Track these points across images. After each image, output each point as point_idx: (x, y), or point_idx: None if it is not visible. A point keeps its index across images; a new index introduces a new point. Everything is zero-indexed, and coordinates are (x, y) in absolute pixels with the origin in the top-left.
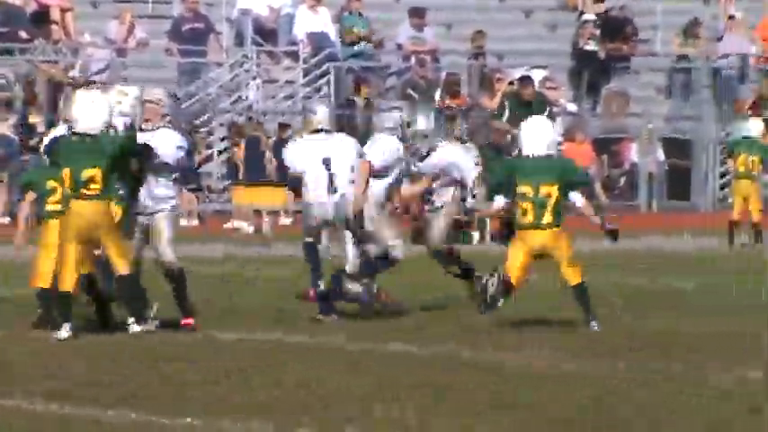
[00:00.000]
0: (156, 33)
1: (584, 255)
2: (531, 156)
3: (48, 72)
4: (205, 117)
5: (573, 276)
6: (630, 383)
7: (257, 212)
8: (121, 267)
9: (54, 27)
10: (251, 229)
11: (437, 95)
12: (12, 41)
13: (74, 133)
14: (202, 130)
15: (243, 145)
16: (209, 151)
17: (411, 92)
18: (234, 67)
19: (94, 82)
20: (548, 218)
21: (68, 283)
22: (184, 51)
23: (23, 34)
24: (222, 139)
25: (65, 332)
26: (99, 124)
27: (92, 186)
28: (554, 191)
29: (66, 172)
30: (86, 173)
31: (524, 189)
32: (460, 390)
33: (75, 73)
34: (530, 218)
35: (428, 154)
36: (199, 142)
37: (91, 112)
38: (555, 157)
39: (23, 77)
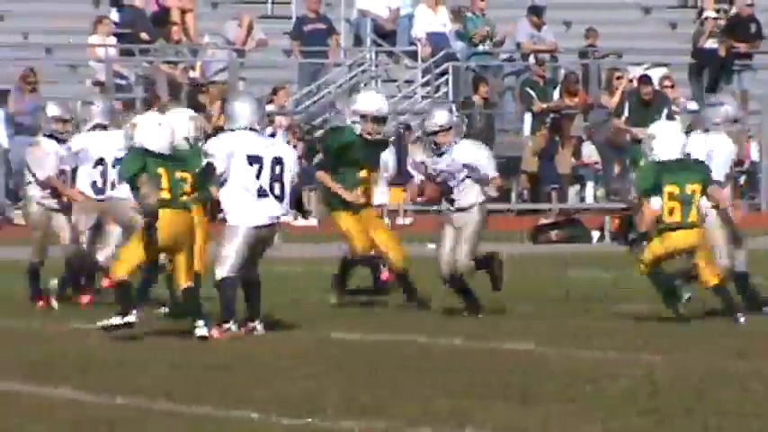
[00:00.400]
0: (276, 34)
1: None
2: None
3: (168, 73)
4: (325, 117)
5: (712, 277)
6: None
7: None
8: (184, 280)
9: (174, 28)
10: None
11: (555, 94)
12: (133, 43)
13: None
14: (320, 131)
15: None
16: None
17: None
18: (353, 67)
19: (214, 82)
20: (693, 216)
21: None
22: (304, 52)
23: (144, 35)
24: None
25: (133, 317)
26: (165, 145)
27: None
28: (698, 189)
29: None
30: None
31: (671, 188)
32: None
33: (194, 74)
34: (676, 217)
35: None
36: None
37: (156, 134)
38: (691, 158)
39: (144, 79)
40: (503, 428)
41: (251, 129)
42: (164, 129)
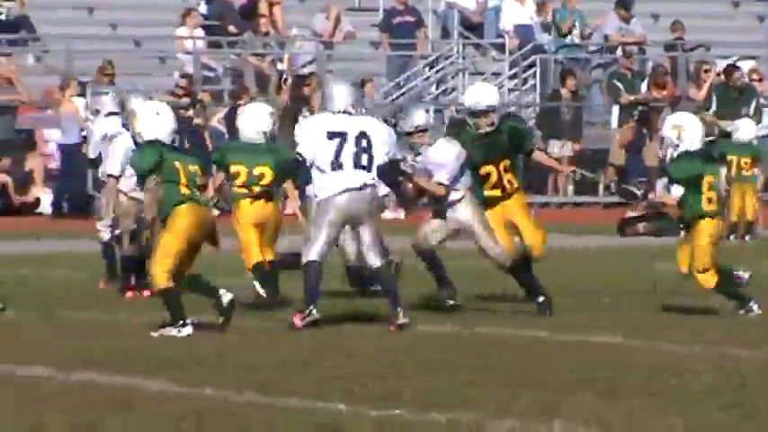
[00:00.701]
0: (363, 26)
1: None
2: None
3: (256, 65)
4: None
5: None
6: None
7: None
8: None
9: (262, 20)
10: None
11: (643, 87)
12: (221, 35)
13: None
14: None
15: None
16: None
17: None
18: (440, 59)
19: (312, 74)
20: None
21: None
22: (393, 44)
23: (232, 28)
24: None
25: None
26: (165, 135)
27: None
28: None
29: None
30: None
31: (710, 178)
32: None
33: (282, 66)
34: (714, 206)
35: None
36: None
37: (155, 123)
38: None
39: (232, 71)
40: (589, 422)
41: (345, 112)
42: (162, 118)
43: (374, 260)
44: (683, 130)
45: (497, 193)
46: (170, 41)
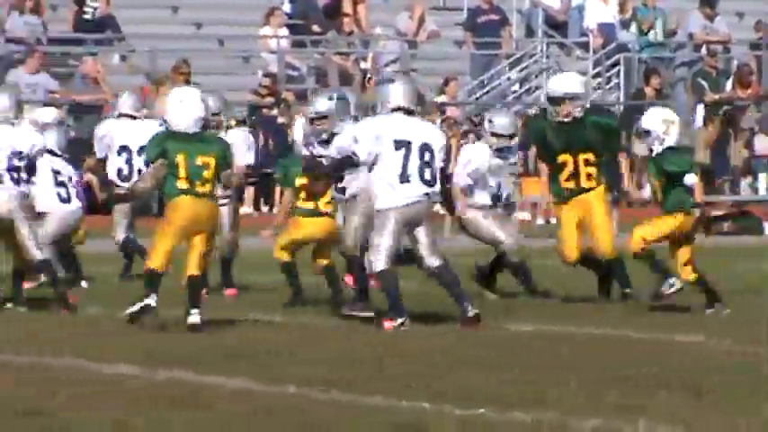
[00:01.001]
0: (447, 25)
1: None
2: None
3: (339, 64)
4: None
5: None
6: None
7: (533, 204)
8: (193, 268)
9: (346, 20)
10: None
11: (728, 86)
12: (304, 34)
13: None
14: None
15: None
16: None
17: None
18: (524, 58)
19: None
20: None
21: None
22: (477, 43)
23: (316, 27)
24: None
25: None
26: (189, 123)
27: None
28: None
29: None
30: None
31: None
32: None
33: (366, 65)
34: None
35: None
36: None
37: (179, 111)
38: None
39: (316, 70)
40: (674, 421)
41: (403, 109)
42: (187, 105)
43: (433, 261)
44: (672, 125)
45: (571, 185)
46: (254, 41)
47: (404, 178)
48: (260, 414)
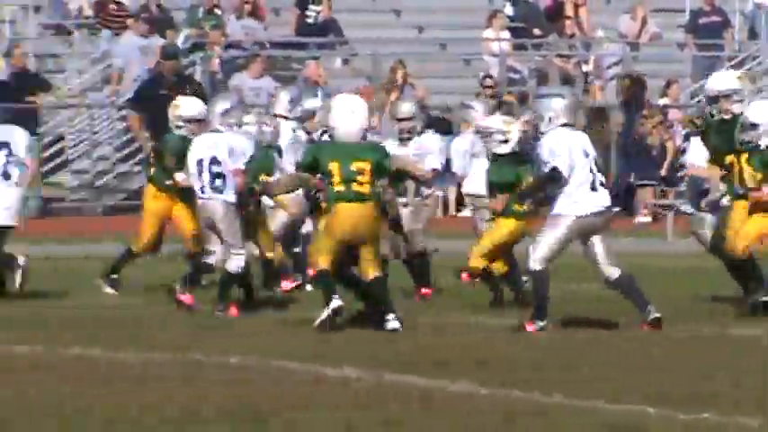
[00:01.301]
0: (669, 27)
1: None
2: None
3: (561, 67)
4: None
5: None
6: None
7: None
8: (371, 271)
9: (567, 22)
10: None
11: None
12: (526, 37)
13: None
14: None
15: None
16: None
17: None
18: (747, 60)
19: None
20: None
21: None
22: (699, 45)
23: (537, 30)
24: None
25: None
26: (355, 132)
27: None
28: None
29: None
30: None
31: None
32: None
33: (588, 68)
34: None
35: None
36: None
37: (348, 120)
38: None
39: (537, 72)
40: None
41: (569, 125)
42: (357, 116)
43: (612, 271)
44: None
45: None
46: (476, 44)
47: (593, 186)
48: (485, 417)
